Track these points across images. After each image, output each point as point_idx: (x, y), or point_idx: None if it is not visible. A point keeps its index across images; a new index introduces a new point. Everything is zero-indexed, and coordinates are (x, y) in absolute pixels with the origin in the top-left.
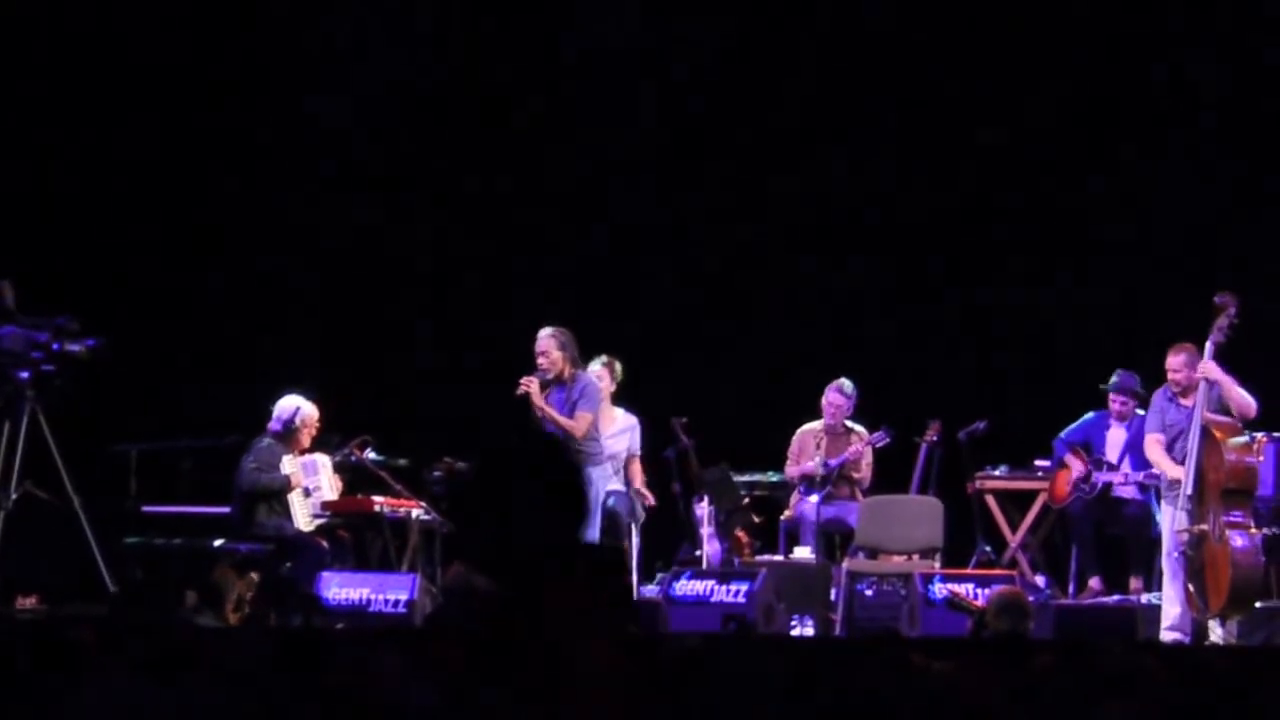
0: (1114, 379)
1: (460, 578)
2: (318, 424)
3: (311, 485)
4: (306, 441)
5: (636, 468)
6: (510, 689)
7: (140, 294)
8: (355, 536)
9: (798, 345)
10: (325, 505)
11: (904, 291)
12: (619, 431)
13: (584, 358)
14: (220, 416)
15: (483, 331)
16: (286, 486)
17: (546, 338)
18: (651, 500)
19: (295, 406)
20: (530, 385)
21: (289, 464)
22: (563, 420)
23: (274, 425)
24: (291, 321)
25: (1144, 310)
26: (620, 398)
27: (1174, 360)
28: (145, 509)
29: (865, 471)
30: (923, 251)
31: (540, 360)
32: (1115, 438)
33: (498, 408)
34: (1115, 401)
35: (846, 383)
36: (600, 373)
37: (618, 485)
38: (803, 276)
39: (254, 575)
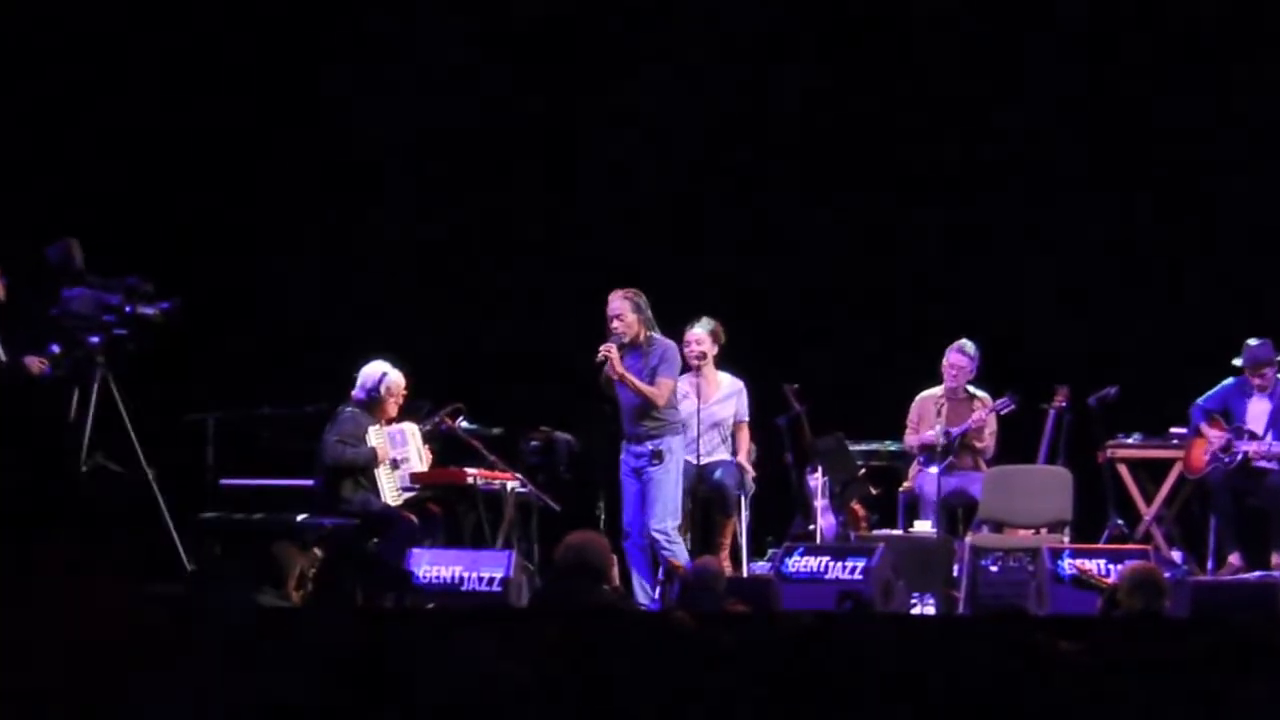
0: (1246, 352)
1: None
2: (405, 391)
3: (399, 457)
4: (393, 410)
5: (744, 435)
6: None
7: (217, 253)
8: (446, 510)
9: (918, 306)
10: (414, 478)
11: (1029, 249)
12: (724, 397)
13: (684, 319)
14: (302, 383)
15: (581, 295)
16: (373, 460)
17: (620, 299)
18: (753, 474)
19: (381, 373)
20: (610, 352)
21: (375, 435)
22: (644, 387)
23: (358, 393)
24: (378, 282)
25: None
26: (726, 361)
27: None
28: (223, 482)
29: (989, 440)
30: (1048, 208)
31: (614, 324)
32: (1257, 409)
33: (590, 375)
34: (1254, 377)
35: (968, 343)
36: (701, 336)
37: (724, 455)
38: (922, 236)
39: (317, 551)
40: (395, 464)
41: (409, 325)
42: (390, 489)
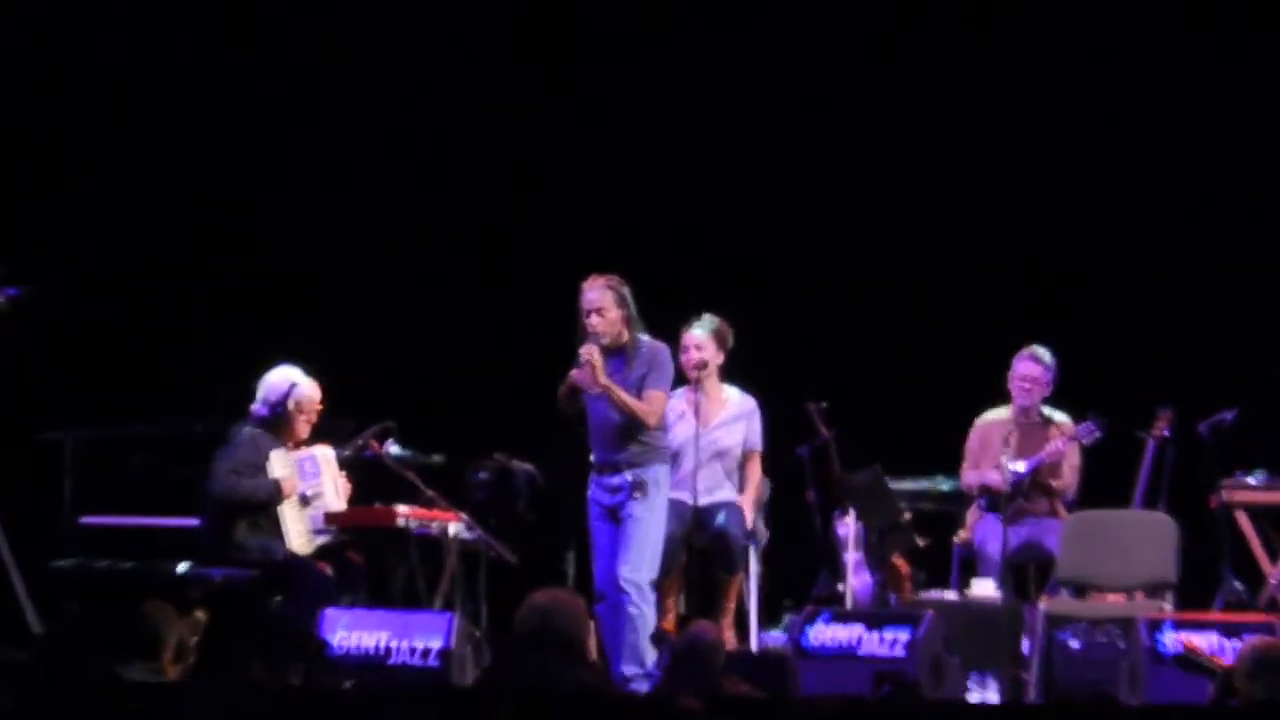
0: None
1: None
2: (319, 406)
3: (310, 491)
4: (304, 431)
5: (756, 469)
6: None
7: (83, 229)
8: (371, 560)
9: (978, 308)
10: (329, 518)
11: (1124, 240)
12: (731, 419)
13: (683, 317)
14: (188, 395)
15: (548, 289)
16: (276, 495)
17: (600, 289)
18: (750, 516)
19: (288, 384)
20: (592, 355)
21: (280, 463)
22: (633, 402)
23: (259, 409)
24: (292, 270)
25: None
26: (733, 373)
27: None
28: (84, 520)
29: (1069, 478)
30: (1154, 193)
31: (593, 320)
32: None
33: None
34: None
35: (1043, 350)
36: (702, 340)
37: (729, 494)
38: (984, 222)
39: (199, 614)
40: (305, 500)
41: (326, 324)
42: (299, 531)
